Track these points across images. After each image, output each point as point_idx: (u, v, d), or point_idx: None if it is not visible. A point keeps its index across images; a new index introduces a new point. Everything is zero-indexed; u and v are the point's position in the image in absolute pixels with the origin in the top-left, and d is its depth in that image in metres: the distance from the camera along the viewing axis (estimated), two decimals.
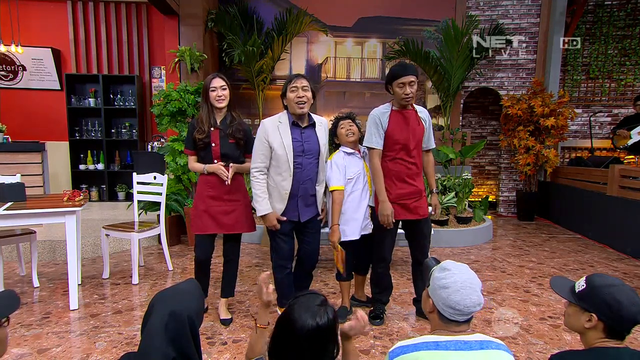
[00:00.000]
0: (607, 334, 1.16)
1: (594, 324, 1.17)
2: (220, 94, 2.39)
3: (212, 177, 2.43)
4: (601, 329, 1.17)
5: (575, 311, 1.24)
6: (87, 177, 6.03)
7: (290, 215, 2.34)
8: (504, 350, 1.10)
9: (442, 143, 5.66)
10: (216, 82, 2.39)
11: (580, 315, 1.21)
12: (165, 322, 1.03)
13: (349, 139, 2.51)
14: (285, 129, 2.28)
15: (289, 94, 2.26)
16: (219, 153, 2.41)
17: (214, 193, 2.44)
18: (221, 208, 2.44)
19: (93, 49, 5.97)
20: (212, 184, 2.43)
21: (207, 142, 2.39)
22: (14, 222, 2.62)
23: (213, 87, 2.38)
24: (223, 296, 2.63)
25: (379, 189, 2.35)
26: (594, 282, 1.19)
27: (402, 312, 2.78)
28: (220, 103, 2.40)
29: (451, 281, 1.13)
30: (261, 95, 6.04)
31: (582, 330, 1.22)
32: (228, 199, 2.46)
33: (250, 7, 6.08)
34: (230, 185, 2.42)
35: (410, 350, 1.09)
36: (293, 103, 2.24)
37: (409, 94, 2.28)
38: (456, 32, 5.48)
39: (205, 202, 2.44)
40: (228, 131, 2.42)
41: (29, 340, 2.32)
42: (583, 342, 1.25)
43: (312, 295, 1.14)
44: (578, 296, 1.22)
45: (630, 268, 3.79)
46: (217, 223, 2.44)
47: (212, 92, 2.39)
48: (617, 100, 6.37)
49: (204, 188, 2.46)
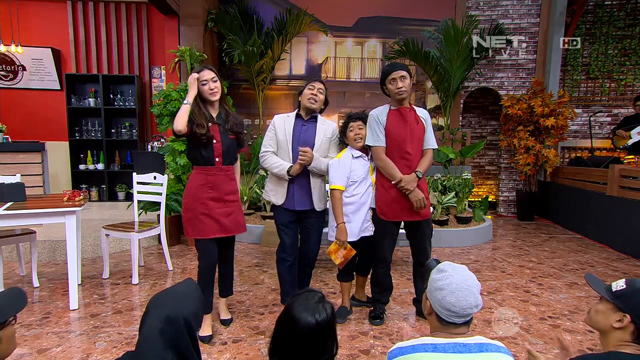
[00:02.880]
0: (634, 338, 1.16)
1: (624, 325, 1.16)
2: (212, 87, 2.25)
3: (213, 176, 2.30)
4: (630, 332, 1.16)
5: (606, 309, 1.23)
6: (87, 177, 6.03)
7: (287, 203, 2.47)
8: (504, 352, 1.09)
9: (442, 143, 5.66)
10: (206, 74, 2.24)
11: (611, 314, 1.20)
12: (160, 327, 1.03)
13: (357, 144, 2.48)
14: (290, 120, 2.51)
15: (306, 90, 2.47)
16: (221, 150, 2.30)
17: (215, 194, 2.30)
18: (222, 210, 2.32)
19: (93, 49, 5.97)
20: (213, 185, 2.29)
21: (209, 136, 2.24)
22: (14, 222, 2.62)
23: (204, 81, 2.23)
24: (223, 296, 2.59)
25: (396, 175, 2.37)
26: (636, 284, 1.19)
27: (402, 312, 2.78)
28: (214, 96, 2.26)
29: (447, 282, 1.13)
30: (261, 95, 6.05)
31: (607, 329, 1.21)
32: (229, 200, 2.36)
33: (250, 7, 6.08)
34: (231, 185, 2.39)
35: (408, 351, 1.09)
36: (306, 98, 2.45)
37: (401, 88, 2.34)
38: (456, 32, 5.48)
39: (205, 204, 2.28)
40: (227, 126, 2.33)
41: (29, 340, 2.32)
42: (603, 341, 1.25)
43: (310, 293, 1.16)
44: (615, 295, 1.21)
45: (630, 268, 3.79)
46: (220, 226, 2.31)
47: (203, 85, 2.24)
48: (617, 100, 6.37)
49: (202, 190, 2.28)
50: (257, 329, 2.49)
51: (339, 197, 2.43)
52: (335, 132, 2.58)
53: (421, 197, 2.38)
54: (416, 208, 2.39)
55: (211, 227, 2.29)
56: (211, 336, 2.36)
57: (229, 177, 2.38)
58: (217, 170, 2.31)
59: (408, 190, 2.36)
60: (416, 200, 2.37)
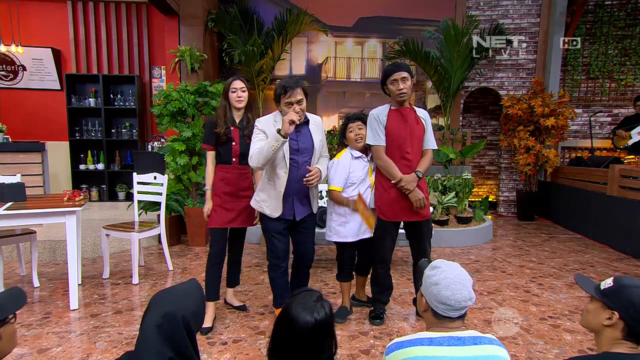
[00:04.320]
0: (624, 335, 1.16)
1: (614, 322, 1.17)
2: (240, 95, 2.49)
3: (229, 174, 2.51)
4: (620, 329, 1.17)
5: (596, 308, 1.24)
6: (87, 177, 6.03)
7: (286, 213, 2.33)
8: (496, 345, 1.13)
9: (442, 143, 5.66)
10: (237, 84, 2.50)
11: (600, 313, 1.22)
12: (159, 324, 1.04)
13: (358, 144, 2.48)
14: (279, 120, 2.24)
15: (283, 106, 2.22)
16: (239, 152, 2.49)
17: (230, 190, 2.51)
18: (235, 204, 2.52)
19: (93, 49, 5.97)
20: (229, 181, 2.50)
21: (229, 136, 2.47)
22: (14, 222, 2.62)
23: (234, 89, 2.49)
24: (230, 286, 2.79)
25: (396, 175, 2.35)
26: (623, 281, 1.20)
27: (402, 312, 2.78)
28: (240, 104, 2.51)
29: (441, 277, 1.16)
30: (261, 95, 6.05)
31: (599, 328, 1.22)
32: (243, 195, 2.54)
33: (250, 7, 6.08)
34: (246, 182, 2.55)
35: (405, 346, 1.13)
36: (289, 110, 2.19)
37: (402, 89, 2.33)
38: (456, 32, 5.48)
39: (220, 197, 2.51)
40: (245, 132, 2.51)
41: (29, 340, 2.32)
42: (597, 341, 1.26)
43: (308, 292, 1.16)
44: (603, 293, 1.22)
45: (630, 268, 3.79)
46: (231, 218, 2.52)
47: (232, 92, 2.49)
48: (617, 100, 6.37)
49: (219, 185, 2.51)
50: (257, 329, 2.49)
51: (337, 199, 2.45)
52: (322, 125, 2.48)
53: (421, 196, 2.38)
54: (416, 208, 2.39)
55: (223, 218, 2.50)
56: (210, 328, 2.45)
57: (245, 175, 2.57)
58: (234, 168, 2.52)
59: (408, 190, 2.36)
60: (416, 200, 2.37)
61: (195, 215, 4.31)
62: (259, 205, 2.39)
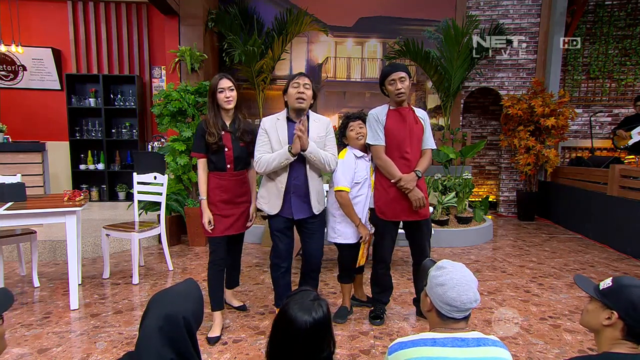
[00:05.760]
0: (624, 335, 1.16)
1: (613, 322, 1.17)
2: (228, 95, 2.32)
3: (225, 181, 2.38)
4: (619, 329, 1.17)
5: (595, 308, 1.24)
6: (87, 177, 6.03)
7: (284, 212, 2.34)
8: (500, 346, 1.12)
9: (443, 143, 5.66)
10: (224, 82, 2.32)
11: (600, 312, 1.21)
12: (160, 325, 1.04)
13: (360, 142, 2.46)
14: (282, 125, 2.32)
15: (290, 89, 2.27)
16: (232, 157, 2.37)
17: (226, 197, 2.39)
18: (232, 210, 2.41)
19: (93, 49, 5.97)
20: (225, 188, 2.38)
21: (220, 145, 2.32)
22: (14, 222, 2.62)
23: (221, 88, 2.31)
24: (229, 287, 2.76)
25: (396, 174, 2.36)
26: (622, 281, 1.20)
27: (402, 312, 2.78)
28: (229, 104, 2.33)
29: (447, 278, 1.16)
30: (261, 95, 6.05)
31: (599, 328, 1.22)
32: (239, 202, 2.44)
33: (251, 7, 6.08)
34: (243, 188, 2.45)
35: (408, 346, 1.12)
36: (293, 98, 2.26)
37: (401, 89, 2.34)
38: (456, 32, 5.48)
39: (216, 206, 2.39)
40: (237, 134, 2.38)
41: (29, 340, 2.32)
42: (597, 341, 1.25)
43: (305, 292, 1.17)
44: (602, 293, 1.22)
45: (630, 268, 3.79)
46: (229, 225, 2.41)
47: (220, 93, 2.32)
48: (618, 100, 6.37)
49: (215, 193, 2.38)
50: (257, 329, 2.49)
51: (347, 198, 2.38)
52: (330, 126, 2.46)
53: (420, 196, 2.38)
54: (415, 207, 2.39)
55: (220, 227, 2.39)
56: (218, 337, 2.35)
57: (242, 180, 2.45)
58: (229, 175, 2.40)
59: (407, 189, 2.36)
60: (415, 199, 2.37)
61: (196, 215, 4.31)
62: (259, 202, 2.44)
